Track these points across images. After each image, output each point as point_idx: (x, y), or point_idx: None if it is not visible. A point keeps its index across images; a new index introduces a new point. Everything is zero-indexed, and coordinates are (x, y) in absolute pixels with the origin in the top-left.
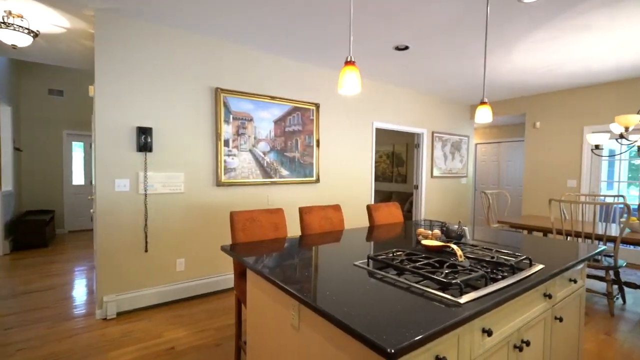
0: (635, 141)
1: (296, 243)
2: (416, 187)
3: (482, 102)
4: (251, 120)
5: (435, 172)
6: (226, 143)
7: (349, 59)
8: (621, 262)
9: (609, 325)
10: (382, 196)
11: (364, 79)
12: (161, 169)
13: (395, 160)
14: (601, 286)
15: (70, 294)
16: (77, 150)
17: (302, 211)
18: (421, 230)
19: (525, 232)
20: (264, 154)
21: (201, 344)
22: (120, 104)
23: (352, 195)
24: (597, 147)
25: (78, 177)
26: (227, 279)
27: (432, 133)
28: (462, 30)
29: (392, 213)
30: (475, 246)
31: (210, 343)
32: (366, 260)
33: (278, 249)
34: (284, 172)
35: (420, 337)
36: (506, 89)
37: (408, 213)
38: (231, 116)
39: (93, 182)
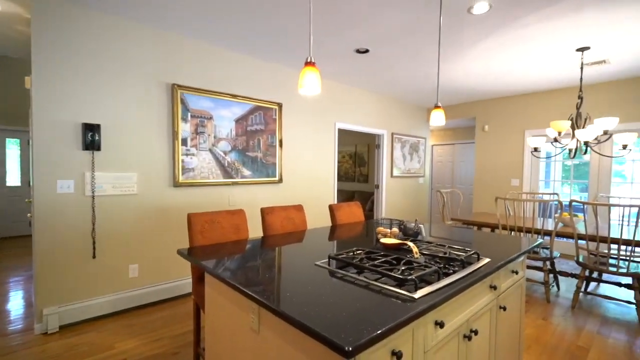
0: (567, 144)
1: (258, 244)
2: (377, 186)
3: (436, 106)
4: (211, 118)
5: (395, 172)
6: (184, 142)
7: (309, 60)
8: (556, 253)
9: (546, 311)
10: (345, 195)
11: (327, 80)
12: (111, 168)
13: (358, 160)
14: (539, 275)
15: (3, 307)
16: (12, 148)
17: (264, 212)
18: (380, 229)
19: (475, 228)
20: (225, 153)
21: (157, 353)
22: (63, 98)
23: (315, 195)
24: (535, 149)
25: (13, 178)
26: (185, 283)
27: (392, 134)
28: (417, 37)
29: (353, 212)
30: (431, 243)
31: (166, 352)
32: (327, 260)
33: (239, 251)
34: (246, 172)
35: (376, 333)
36: (459, 94)
37: (370, 212)
38: (189, 114)
39: (31, 184)
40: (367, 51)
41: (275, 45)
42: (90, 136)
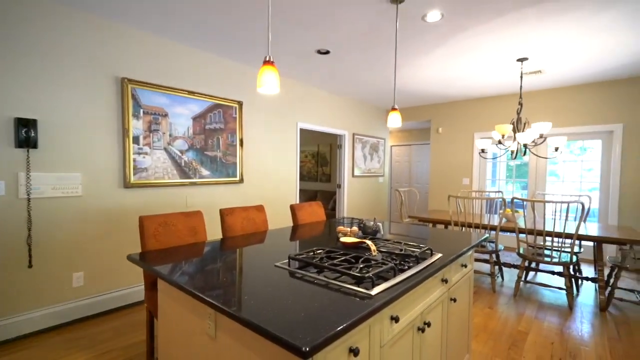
0: (509, 146)
1: (216, 247)
2: (339, 186)
3: (393, 108)
4: (166, 115)
5: (356, 172)
6: (136, 140)
7: (267, 59)
8: (500, 246)
9: (492, 300)
10: (307, 195)
11: (289, 79)
12: (51, 168)
13: (320, 160)
14: (486, 267)
15: None
16: None
17: (223, 213)
18: (341, 228)
19: (430, 225)
20: (182, 152)
21: None
22: None
23: (277, 195)
24: (483, 150)
25: None
26: (138, 291)
27: (353, 135)
28: (376, 41)
29: (315, 212)
30: (388, 240)
31: None
32: (287, 261)
33: (195, 254)
34: (205, 172)
35: (334, 332)
36: (415, 97)
37: (332, 211)
38: (142, 110)
39: None
40: (328, 52)
41: (235, 42)
42: (25, 132)
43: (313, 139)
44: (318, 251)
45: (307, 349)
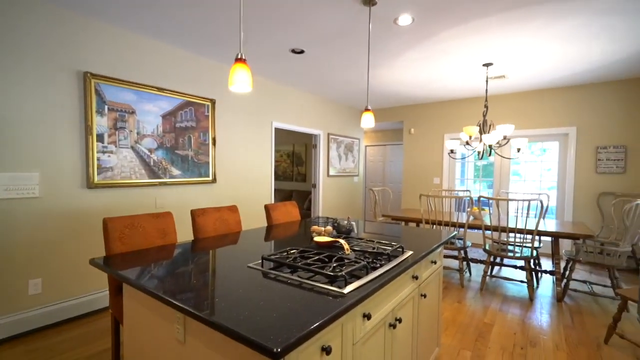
0: (476, 147)
1: (187, 249)
2: (314, 185)
3: (366, 109)
4: (133, 112)
5: (331, 172)
6: (100, 138)
7: (239, 56)
8: (468, 243)
9: (460, 295)
10: (283, 195)
11: (263, 78)
12: (3, 167)
13: (295, 159)
14: (455, 263)
15: None
16: None
17: (195, 214)
18: (315, 227)
19: (403, 223)
20: (150, 151)
21: None
22: None
23: (252, 195)
24: (452, 151)
25: None
26: (102, 297)
27: (328, 135)
28: (350, 42)
29: (289, 212)
30: (362, 239)
31: None
32: (260, 261)
33: (164, 257)
34: (176, 171)
35: (306, 331)
36: (389, 98)
37: (308, 211)
38: (106, 107)
39: None
40: (302, 52)
41: (207, 39)
42: None
43: (288, 138)
44: (292, 251)
45: (279, 349)
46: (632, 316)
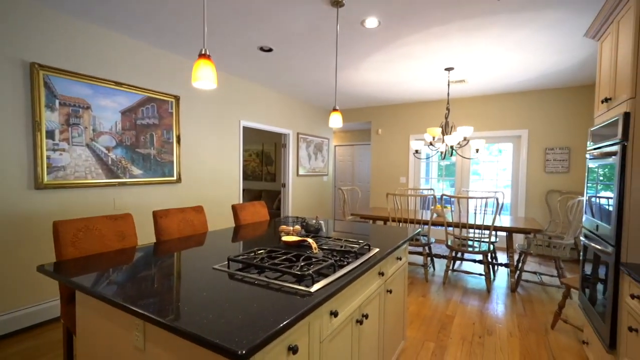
0: (439, 148)
1: (149, 252)
2: (284, 185)
3: (335, 109)
4: (88, 108)
5: (301, 171)
6: (50, 135)
7: (203, 52)
8: (432, 239)
9: (424, 289)
10: (252, 195)
11: (231, 76)
12: None
13: (265, 159)
14: (420, 259)
15: None
16: None
17: (157, 215)
18: (283, 227)
19: (371, 221)
20: (108, 149)
21: None
22: None
23: (219, 196)
24: (417, 151)
25: None
26: (53, 306)
27: (297, 134)
28: (318, 42)
29: (258, 212)
30: (330, 238)
31: None
32: (226, 263)
33: (123, 261)
34: (137, 171)
35: (271, 332)
36: (357, 99)
37: (277, 210)
38: (57, 101)
39: None
40: (271, 50)
41: (171, 32)
42: None
43: (257, 137)
44: (259, 251)
45: (243, 351)
46: (574, 302)
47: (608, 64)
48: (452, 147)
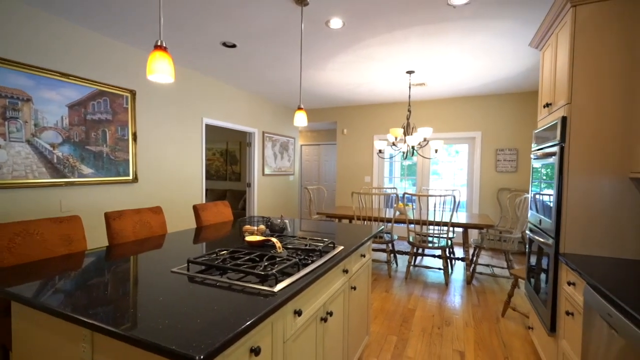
0: (401, 148)
1: (100, 256)
2: (249, 185)
3: (299, 108)
4: (29, 100)
5: (267, 171)
6: None
7: (158, 43)
8: (395, 236)
9: (388, 285)
10: (216, 195)
11: (193, 71)
12: None
13: (229, 158)
14: (384, 256)
15: None
16: None
17: (109, 217)
18: (247, 227)
19: (337, 220)
20: (54, 146)
21: None
22: None
23: (180, 196)
24: (380, 151)
25: None
26: None
27: (263, 133)
28: (283, 40)
29: (221, 212)
30: (295, 237)
31: None
32: (186, 265)
33: (69, 267)
34: (87, 170)
35: (231, 334)
36: (322, 98)
37: (242, 211)
38: None
39: None
40: (234, 46)
41: (125, 22)
42: None
43: (221, 135)
44: (222, 252)
45: (202, 356)
46: (522, 292)
47: (549, 72)
48: (413, 147)
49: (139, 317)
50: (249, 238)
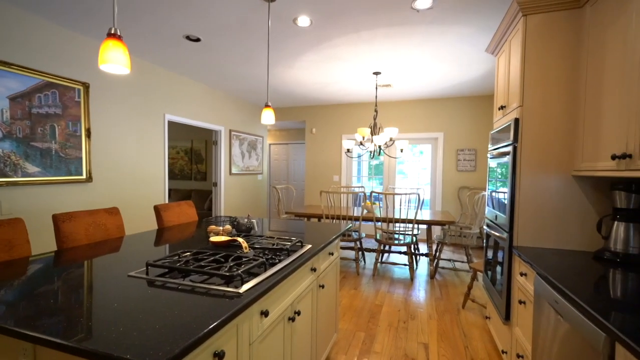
0: (368, 147)
1: (48, 262)
2: (215, 184)
3: (267, 105)
4: None
5: (234, 170)
6: None
7: (112, 31)
8: (362, 234)
9: (356, 282)
10: (181, 195)
11: (154, 65)
12: None
13: (195, 157)
14: (352, 254)
15: None
16: None
17: (58, 219)
18: (212, 227)
19: (305, 219)
20: None
21: None
22: None
23: (141, 196)
24: (348, 150)
25: None
26: None
27: (230, 131)
28: (250, 36)
29: (184, 212)
30: (262, 236)
31: None
32: (145, 269)
33: (8, 275)
34: (32, 168)
35: (192, 340)
36: (290, 97)
37: (209, 211)
38: None
39: None
40: (198, 40)
41: (77, 8)
42: None
43: (186, 133)
44: (185, 254)
45: None
46: (480, 284)
47: (503, 76)
48: (380, 146)
49: (88, 325)
50: (213, 238)
